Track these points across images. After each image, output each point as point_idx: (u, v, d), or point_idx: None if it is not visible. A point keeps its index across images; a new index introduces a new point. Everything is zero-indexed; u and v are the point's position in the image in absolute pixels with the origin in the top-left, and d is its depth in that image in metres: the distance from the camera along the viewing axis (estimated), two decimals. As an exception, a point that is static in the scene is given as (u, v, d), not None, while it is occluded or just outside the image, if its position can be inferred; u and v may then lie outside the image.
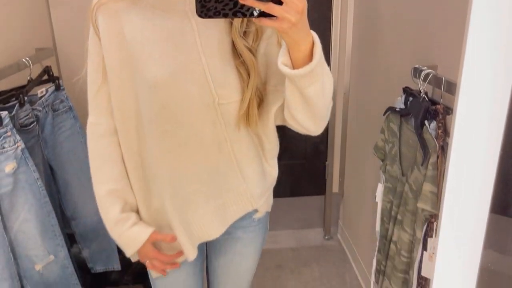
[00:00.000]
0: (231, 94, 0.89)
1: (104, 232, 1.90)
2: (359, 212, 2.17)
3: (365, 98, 2.05)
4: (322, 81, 0.79)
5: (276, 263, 2.25)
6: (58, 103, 1.72)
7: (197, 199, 0.97)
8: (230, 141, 0.94)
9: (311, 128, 0.89)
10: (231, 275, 1.14)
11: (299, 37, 0.72)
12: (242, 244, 1.09)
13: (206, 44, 0.87)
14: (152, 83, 0.87)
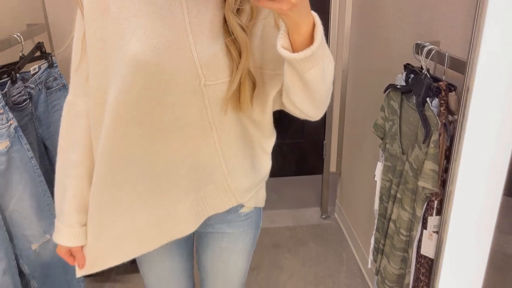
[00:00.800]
0: (219, 74, 0.81)
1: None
2: (357, 191, 2.16)
3: (364, 75, 2.02)
4: (323, 64, 0.74)
5: (273, 242, 2.25)
6: (52, 81, 1.68)
7: (175, 190, 0.88)
8: (216, 128, 0.85)
9: (311, 113, 0.85)
10: (221, 273, 1.06)
11: (299, 19, 0.67)
12: (229, 240, 1.01)
13: (195, 21, 0.79)
14: (133, 61, 0.77)
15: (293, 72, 0.74)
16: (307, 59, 0.70)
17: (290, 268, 2.06)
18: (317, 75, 0.74)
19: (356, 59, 2.12)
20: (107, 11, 0.80)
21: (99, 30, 0.80)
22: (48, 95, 1.67)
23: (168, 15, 0.79)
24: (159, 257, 1.03)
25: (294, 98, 0.81)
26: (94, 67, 0.83)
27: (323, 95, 0.81)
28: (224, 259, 1.04)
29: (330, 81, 0.81)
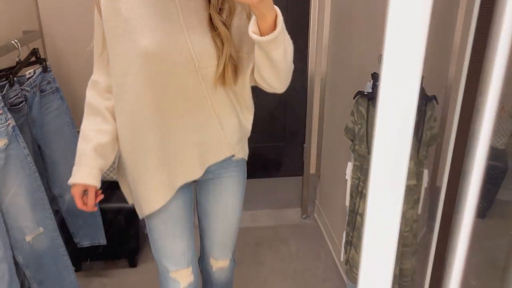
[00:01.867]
0: (209, 60, 1.05)
1: (90, 208, 1.99)
2: (334, 192, 2.29)
3: (340, 84, 2.16)
4: (284, 46, 0.97)
5: (255, 241, 2.37)
6: (45, 84, 1.78)
7: (184, 146, 1.14)
8: (210, 98, 1.10)
9: (276, 86, 1.09)
10: (220, 215, 1.28)
11: (265, 10, 0.89)
12: (226, 183, 1.25)
13: (188, 19, 1.04)
14: (144, 53, 1.02)
15: (262, 53, 0.98)
16: (271, 41, 0.93)
17: (271, 264, 2.18)
18: (280, 55, 0.98)
19: (333, 69, 2.26)
20: (119, 13, 1.03)
21: (114, 28, 1.05)
22: (42, 98, 1.77)
23: (167, 15, 1.03)
24: (167, 204, 1.19)
25: (263, 74, 1.05)
26: (113, 57, 1.08)
27: (285, 71, 1.05)
28: (223, 201, 1.27)
29: (290, 60, 1.05)
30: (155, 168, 1.14)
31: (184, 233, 1.24)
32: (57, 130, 1.86)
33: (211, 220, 1.30)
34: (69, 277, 1.66)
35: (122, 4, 1.03)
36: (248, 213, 2.63)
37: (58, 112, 1.84)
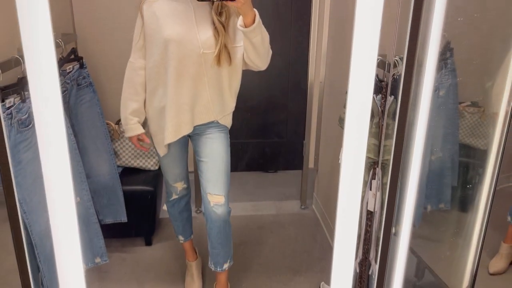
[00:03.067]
0: (210, 47, 1.56)
1: (114, 189, 2.29)
2: (331, 184, 2.55)
3: (337, 86, 2.44)
4: (262, 35, 1.50)
5: (258, 225, 2.62)
6: (81, 79, 2.06)
7: (185, 107, 1.63)
8: (207, 76, 1.60)
9: (259, 64, 1.60)
10: (208, 154, 1.71)
11: (247, 11, 1.42)
12: (213, 136, 1.71)
13: (198, 20, 1.56)
14: (167, 39, 1.55)
15: (246, 40, 1.51)
16: (252, 30, 1.46)
17: (272, 245, 2.43)
18: (259, 40, 1.51)
19: (330, 73, 2.55)
20: (154, 15, 1.59)
21: (150, 24, 1.59)
22: (78, 90, 2.05)
23: (184, 17, 1.57)
24: (169, 148, 1.76)
25: (249, 55, 1.57)
26: (148, 43, 1.63)
27: (264, 53, 1.57)
28: (209, 146, 1.71)
29: (267, 46, 1.57)
30: (163, 123, 1.66)
31: (179, 164, 1.84)
32: (89, 119, 2.13)
33: (203, 162, 1.72)
34: (99, 242, 1.92)
35: (156, 9, 1.59)
36: (251, 204, 2.89)
37: (90, 103, 2.12)
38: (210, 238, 1.77)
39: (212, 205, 1.70)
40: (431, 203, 1.91)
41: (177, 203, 1.96)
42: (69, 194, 1.09)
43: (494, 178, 1.55)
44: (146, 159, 2.41)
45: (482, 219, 1.60)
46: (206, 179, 1.71)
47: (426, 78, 1.35)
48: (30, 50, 0.87)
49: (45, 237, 1.56)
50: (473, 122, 1.85)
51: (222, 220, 1.72)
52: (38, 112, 0.93)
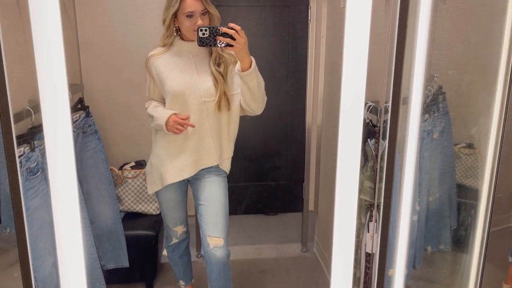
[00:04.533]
0: (210, 95, 1.68)
1: (117, 234, 2.32)
2: (332, 227, 2.57)
3: (334, 129, 2.51)
4: (257, 79, 1.61)
5: (259, 269, 2.62)
6: (87, 127, 2.15)
7: (188, 152, 1.73)
8: (208, 122, 1.71)
9: (254, 108, 1.70)
10: (207, 198, 1.77)
11: (244, 56, 1.53)
12: (211, 179, 1.78)
13: (198, 71, 1.69)
14: (172, 93, 1.69)
15: (244, 85, 1.62)
16: (248, 75, 1.57)
17: (273, 289, 2.42)
18: (255, 84, 1.61)
19: (327, 117, 2.63)
20: (161, 70, 1.72)
21: (157, 78, 1.74)
22: (83, 138, 2.13)
23: (187, 69, 1.69)
24: (169, 192, 1.84)
25: (246, 99, 1.67)
26: (159, 91, 1.78)
27: (259, 97, 1.67)
28: (208, 190, 1.77)
29: (262, 90, 1.67)
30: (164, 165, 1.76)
31: (179, 208, 1.90)
32: (93, 166, 2.20)
33: (202, 205, 1.78)
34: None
35: (160, 64, 1.73)
36: (252, 247, 2.89)
37: (95, 150, 2.19)
38: (210, 282, 1.79)
39: (212, 247, 1.73)
40: (431, 245, 1.93)
41: (177, 247, 1.99)
42: (77, 240, 1.14)
43: (488, 219, 1.58)
44: (148, 204, 2.45)
45: (478, 259, 1.62)
46: (205, 222, 1.76)
47: (412, 120, 1.43)
48: (46, 101, 0.95)
49: (48, 282, 1.58)
50: (469, 163, 1.91)
51: (222, 262, 1.75)
52: (52, 160, 1.00)
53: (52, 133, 1.09)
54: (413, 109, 1.41)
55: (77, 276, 1.23)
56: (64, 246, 1.22)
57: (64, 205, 1.16)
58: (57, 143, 1.11)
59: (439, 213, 1.92)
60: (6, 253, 1.96)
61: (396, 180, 1.40)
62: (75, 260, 1.22)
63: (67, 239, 1.19)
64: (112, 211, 2.24)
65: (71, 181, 1.18)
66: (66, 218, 1.17)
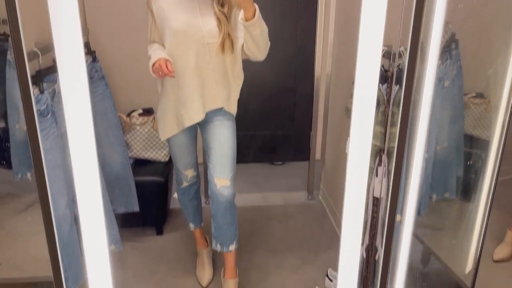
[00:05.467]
0: (214, 36, 1.64)
1: (126, 179, 2.35)
2: (337, 175, 2.60)
3: (343, 77, 2.48)
4: (261, 28, 1.57)
5: (266, 216, 2.67)
6: (94, 72, 2.12)
7: (195, 96, 1.72)
8: (212, 65, 1.68)
9: (257, 55, 1.67)
10: (216, 140, 1.80)
11: (248, 6, 1.50)
12: (220, 123, 1.79)
13: (202, 11, 1.65)
14: (174, 30, 1.65)
15: (247, 33, 1.59)
16: (252, 24, 1.54)
17: (280, 235, 2.48)
18: (258, 34, 1.58)
19: (337, 65, 2.59)
20: (162, 9, 1.68)
21: (159, 18, 1.70)
22: (90, 83, 2.10)
23: (190, 9, 1.65)
24: (180, 136, 1.85)
25: (249, 47, 1.64)
26: (160, 32, 1.73)
27: (263, 46, 1.65)
28: (217, 133, 1.80)
29: (266, 38, 1.63)
30: (172, 110, 1.77)
31: (189, 152, 1.92)
32: (101, 112, 2.19)
33: (211, 147, 1.81)
34: (113, 230, 1.98)
35: (162, 3, 1.68)
36: (259, 195, 2.94)
37: (102, 96, 2.18)
38: (215, 219, 1.84)
39: (219, 187, 1.78)
40: (436, 193, 1.95)
41: (187, 190, 2.02)
42: (95, 180, 1.16)
43: (496, 168, 1.58)
44: (157, 151, 2.47)
45: (485, 206, 1.64)
46: (213, 164, 1.79)
47: (429, 66, 1.40)
48: (59, 40, 0.93)
49: (62, 222, 1.62)
50: (478, 113, 1.89)
51: (228, 201, 1.80)
52: (67, 99, 0.99)
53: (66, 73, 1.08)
54: (430, 54, 1.38)
55: (95, 216, 1.26)
56: (82, 187, 1.24)
57: (80, 145, 1.16)
58: (72, 84, 1.10)
59: (446, 162, 1.93)
60: (18, 199, 2.00)
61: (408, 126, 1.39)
62: (93, 200, 1.24)
63: (85, 179, 1.20)
64: (121, 157, 2.26)
65: (87, 122, 1.18)
66: (83, 158, 1.18)
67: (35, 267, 1.72)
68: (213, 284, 2.07)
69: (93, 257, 1.31)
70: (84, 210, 1.25)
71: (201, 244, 2.15)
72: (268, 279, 2.11)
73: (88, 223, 1.27)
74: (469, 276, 1.58)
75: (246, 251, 2.30)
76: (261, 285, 2.07)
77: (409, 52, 1.29)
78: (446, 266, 1.73)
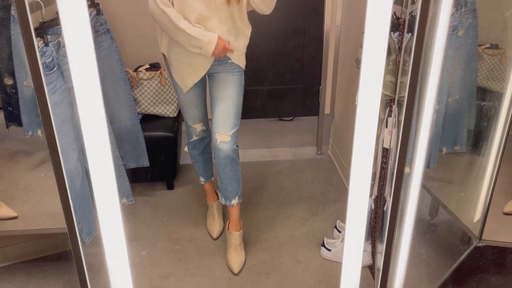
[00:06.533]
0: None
1: (136, 134, 2.36)
2: (347, 130, 2.58)
3: (353, 28, 2.41)
4: None
5: (276, 170, 2.69)
6: (98, 26, 2.08)
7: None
8: (218, 13, 1.62)
9: (264, 9, 1.65)
10: (220, 97, 1.79)
11: None
12: (227, 75, 1.78)
13: None
14: None
15: None
16: None
17: (289, 188, 2.51)
18: None
19: (347, 16, 2.51)
20: None
21: None
22: (95, 37, 2.08)
23: None
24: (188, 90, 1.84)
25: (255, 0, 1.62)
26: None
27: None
28: (221, 89, 1.79)
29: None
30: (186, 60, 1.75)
31: (198, 105, 1.92)
32: (108, 67, 2.17)
33: (215, 103, 1.80)
34: (124, 184, 2.01)
35: None
36: (268, 150, 2.95)
37: (108, 50, 2.15)
38: (218, 173, 1.88)
39: (219, 142, 1.79)
40: (446, 145, 1.93)
41: (197, 144, 2.03)
42: (104, 135, 1.16)
43: (508, 121, 1.55)
44: (165, 106, 2.46)
45: (495, 159, 1.62)
46: (216, 119, 1.80)
47: (442, 13, 1.34)
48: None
49: (74, 176, 1.64)
50: (492, 64, 1.84)
51: (228, 156, 1.81)
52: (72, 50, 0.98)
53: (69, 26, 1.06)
54: (444, 1, 1.32)
55: (105, 169, 1.27)
56: (91, 142, 1.24)
57: (87, 99, 1.16)
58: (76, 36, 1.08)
59: (457, 114, 1.90)
60: (30, 156, 2.03)
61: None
62: (102, 155, 1.25)
63: (93, 134, 1.21)
64: (129, 112, 2.26)
65: (92, 75, 1.17)
66: (91, 113, 1.18)
67: (51, 220, 1.76)
68: (223, 236, 2.12)
69: (104, 209, 1.34)
70: (94, 165, 1.27)
71: (211, 197, 2.19)
72: (277, 230, 2.15)
73: (98, 177, 1.29)
74: (477, 225, 1.59)
75: (256, 204, 2.34)
76: (270, 236, 2.12)
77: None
78: (454, 216, 1.74)
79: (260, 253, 2.01)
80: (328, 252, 1.98)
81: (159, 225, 2.21)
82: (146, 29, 2.44)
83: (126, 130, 2.26)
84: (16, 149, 2.02)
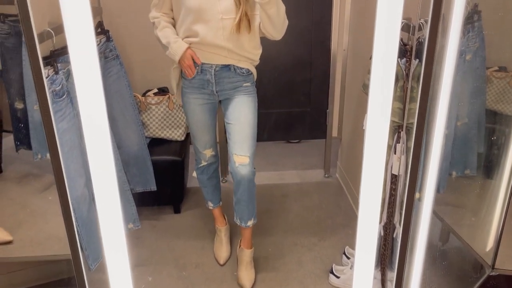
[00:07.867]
0: (229, 13, 1.60)
1: (143, 159, 2.36)
2: (355, 153, 2.57)
3: (360, 53, 2.42)
4: (277, 7, 1.56)
5: (283, 194, 2.67)
6: (108, 52, 2.11)
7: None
8: (226, 41, 1.65)
9: (274, 34, 1.67)
10: (236, 118, 1.79)
11: None
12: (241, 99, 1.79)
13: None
14: (189, 9, 1.62)
15: (263, 11, 1.57)
16: (267, 3, 1.51)
17: (296, 212, 2.48)
18: (274, 12, 1.56)
19: (354, 40, 2.52)
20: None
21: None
22: (105, 63, 2.11)
23: None
24: (199, 115, 1.86)
25: (265, 26, 1.63)
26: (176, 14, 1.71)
27: (279, 24, 1.64)
28: (237, 110, 1.79)
29: (282, 17, 1.62)
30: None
31: (208, 131, 1.92)
32: (117, 91, 2.19)
33: (231, 125, 1.80)
34: (131, 209, 2.00)
35: None
36: (275, 173, 2.94)
37: (117, 76, 2.17)
38: (235, 195, 1.86)
39: (237, 165, 1.77)
40: (456, 170, 1.91)
41: (206, 169, 2.03)
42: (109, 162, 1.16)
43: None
44: (173, 130, 2.47)
45: (507, 183, 1.60)
46: (233, 141, 1.79)
47: (451, 40, 1.35)
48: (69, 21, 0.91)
49: (81, 202, 1.64)
50: (501, 87, 1.83)
51: (247, 179, 1.79)
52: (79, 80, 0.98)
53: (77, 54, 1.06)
54: (452, 27, 1.32)
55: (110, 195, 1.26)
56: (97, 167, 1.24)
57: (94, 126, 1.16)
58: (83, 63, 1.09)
59: (467, 138, 1.88)
60: (39, 178, 2.03)
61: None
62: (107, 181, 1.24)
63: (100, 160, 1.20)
64: (137, 136, 2.27)
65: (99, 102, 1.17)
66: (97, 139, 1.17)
67: (57, 245, 1.75)
68: (230, 262, 2.09)
69: (109, 235, 1.32)
70: (99, 190, 1.26)
71: (219, 222, 2.17)
72: (285, 256, 2.12)
73: (103, 202, 1.28)
74: (490, 253, 1.56)
75: (263, 228, 2.31)
76: (277, 262, 2.08)
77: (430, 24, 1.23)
78: (465, 244, 1.71)
79: (267, 280, 1.98)
80: (337, 279, 1.95)
81: (165, 250, 2.19)
82: (154, 54, 2.47)
83: (134, 154, 2.26)
84: (25, 172, 2.03)
